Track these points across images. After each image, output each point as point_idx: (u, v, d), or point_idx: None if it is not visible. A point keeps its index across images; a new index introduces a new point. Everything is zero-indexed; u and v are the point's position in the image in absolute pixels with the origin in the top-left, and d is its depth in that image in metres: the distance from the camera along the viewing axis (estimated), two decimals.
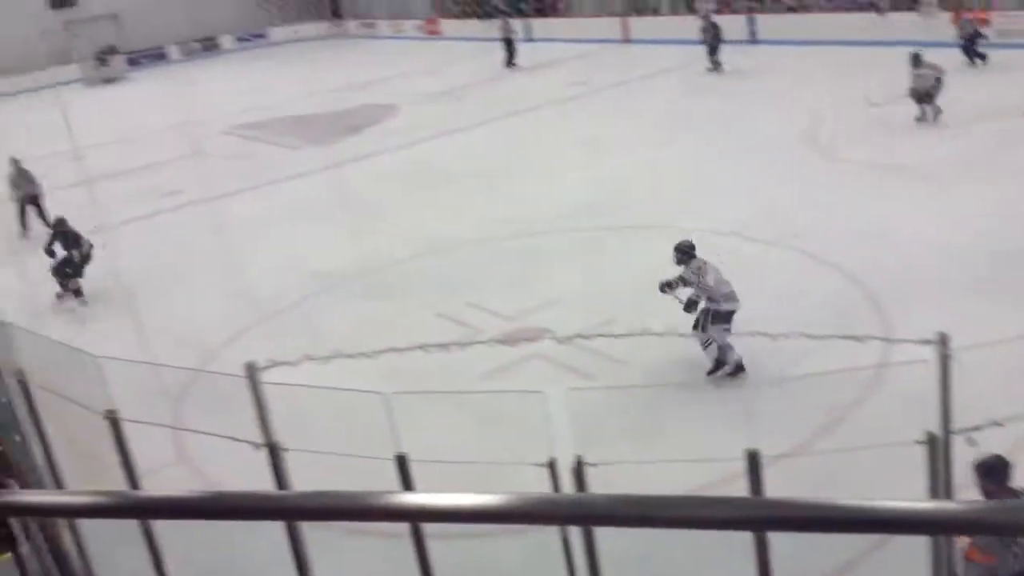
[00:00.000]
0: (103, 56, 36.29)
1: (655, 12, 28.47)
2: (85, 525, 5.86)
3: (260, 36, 41.42)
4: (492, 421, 7.50)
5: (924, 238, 10.25)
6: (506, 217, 12.92)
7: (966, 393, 4.62)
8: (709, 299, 7.97)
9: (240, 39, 41.13)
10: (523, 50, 27.27)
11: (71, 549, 5.98)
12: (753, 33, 24.48)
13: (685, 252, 8.15)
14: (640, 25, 27.86)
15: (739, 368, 7.85)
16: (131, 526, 5.91)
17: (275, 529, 5.73)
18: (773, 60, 21.93)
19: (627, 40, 27.96)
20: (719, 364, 7.92)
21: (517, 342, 8.51)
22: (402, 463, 5.52)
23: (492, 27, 32.51)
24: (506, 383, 8.08)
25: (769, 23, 24.39)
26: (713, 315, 7.90)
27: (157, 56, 39.34)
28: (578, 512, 1.48)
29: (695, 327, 7.95)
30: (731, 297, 7.97)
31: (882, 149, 12.62)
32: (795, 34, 23.08)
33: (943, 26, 20.21)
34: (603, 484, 5.31)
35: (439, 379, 8.16)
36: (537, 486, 5.26)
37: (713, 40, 21.17)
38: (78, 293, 11.42)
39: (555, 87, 22.28)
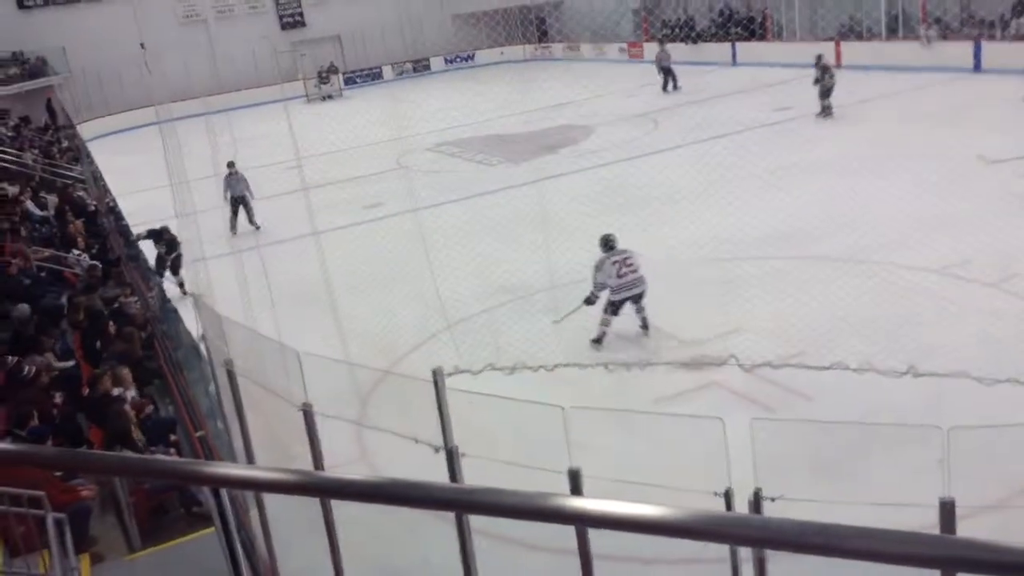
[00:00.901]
0: (323, 75, 38.84)
1: (871, 36, 27.19)
2: (270, 510, 6.25)
3: (468, 58, 43.00)
4: (668, 445, 7.36)
5: None
6: (696, 241, 12.69)
7: None
8: (598, 290, 9.79)
9: (449, 61, 42.88)
10: (729, 74, 26.79)
11: (258, 531, 6.41)
12: (978, 61, 22.90)
13: (605, 245, 10.04)
14: (853, 49, 26.70)
15: (598, 340, 9.69)
16: (313, 516, 6.24)
17: (449, 536, 5.88)
18: (1004, 88, 20.41)
19: (838, 65, 26.85)
20: (599, 339, 9.74)
21: (699, 367, 8.34)
22: (575, 478, 5.52)
23: (700, 51, 32.23)
24: (685, 407, 7.93)
25: (995, 51, 22.73)
26: (610, 305, 9.72)
27: (372, 76, 41.68)
28: (766, 535, 1.43)
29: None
30: (625, 287, 9.70)
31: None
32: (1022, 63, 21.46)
33: None
34: None
35: (618, 398, 8.13)
36: None
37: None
38: (182, 286, 13.92)
39: (758, 112, 21.71)
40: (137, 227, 15.19)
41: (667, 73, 26.76)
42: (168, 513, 7.15)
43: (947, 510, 4.15)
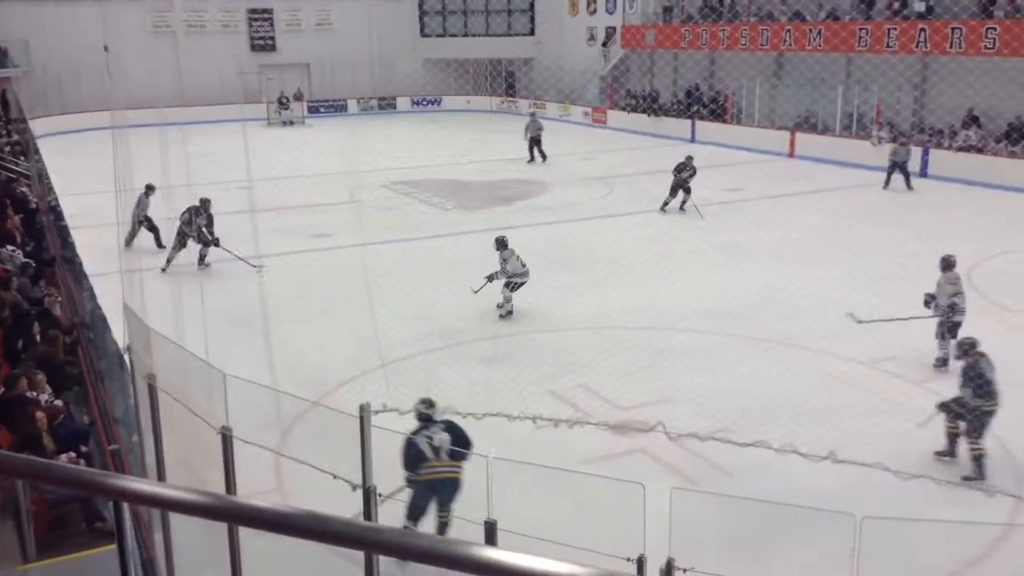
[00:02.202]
0: (284, 99, 38.77)
1: (825, 130, 28.10)
2: (176, 532, 6.06)
3: (435, 102, 43.34)
4: (587, 506, 7.35)
5: None
6: (635, 308, 12.86)
7: None
8: (509, 277, 12.70)
9: (415, 102, 43.17)
10: (687, 150, 27.37)
11: (162, 553, 6.20)
12: (925, 166, 23.79)
13: (500, 244, 12.96)
14: (807, 141, 27.55)
15: (509, 312, 12.69)
16: (219, 543, 6.06)
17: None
18: (947, 196, 21.21)
19: (792, 155, 27.68)
20: (509, 312, 12.66)
21: (626, 432, 8.37)
22: (490, 529, 5.48)
23: (661, 124, 32.97)
24: (610, 470, 7.93)
25: (942, 159, 23.65)
26: (512, 285, 12.71)
27: (337, 107, 41.72)
28: None
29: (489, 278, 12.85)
30: (524, 275, 12.84)
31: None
32: (968, 174, 22.31)
33: None
34: None
35: (544, 453, 8.10)
36: None
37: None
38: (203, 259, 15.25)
39: (710, 190, 22.18)
40: (76, 229, 14.85)
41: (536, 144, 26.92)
42: (69, 527, 6.88)
43: None
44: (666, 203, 19.60)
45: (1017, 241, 16.44)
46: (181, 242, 15.31)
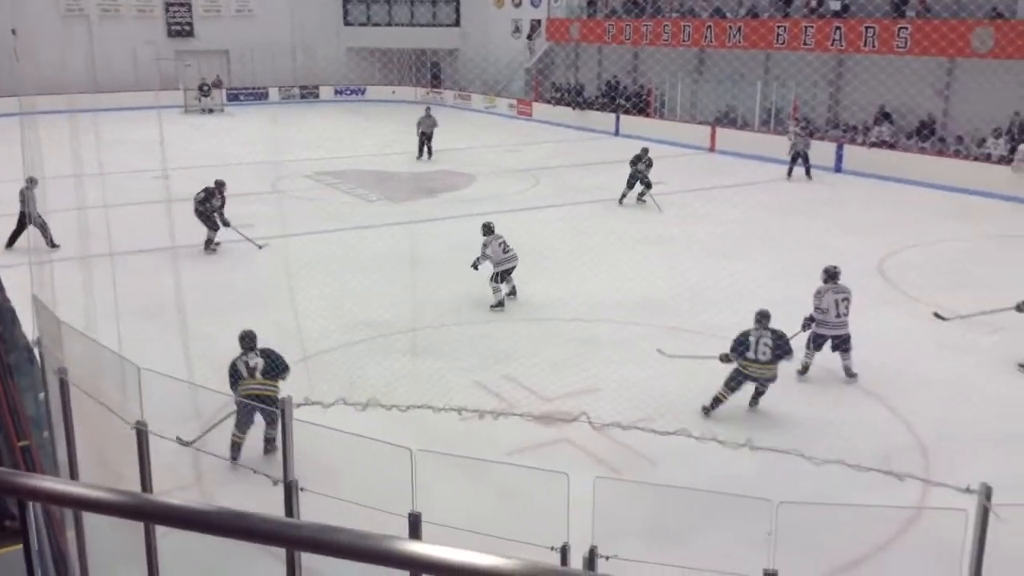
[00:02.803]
0: (205, 87, 37.85)
1: (745, 125, 28.70)
2: (90, 531, 5.87)
3: (359, 92, 42.85)
4: (512, 496, 7.37)
5: (988, 393, 9.90)
6: (560, 299, 12.94)
7: (1001, 550, 4.40)
8: (495, 264, 12.46)
9: (339, 92, 42.61)
10: (611, 143, 27.66)
11: (72, 551, 6.00)
12: (839, 161, 24.49)
13: (485, 229, 12.91)
14: (727, 136, 28.10)
15: (500, 304, 12.50)
16: (136, 541, 5.90)
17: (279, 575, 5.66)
18: (860, 191, 21.85)
19: (712, 149, 28.19)
20: (501, 303, 12.54)
21: (551, 422, 8.42)
22: (415, 522, 5.44)
23: (586, 117, 33.21)
24: (535, 461, 7.97)
25: (856, 155, 24.38)
26: (495, 276, 12.52)
27: (258, 95, 40.93)
28: None
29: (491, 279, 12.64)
30: (506, 261, 12.55)
31: (963, 299, 12.21)
32: (881, 169, 23.06)
33: None
34: None
35: (469, 445, 8.10)
36: None
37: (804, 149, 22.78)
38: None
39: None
40: None
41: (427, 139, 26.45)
42: None
43: None
44: (624, 195, 19.87)
45: (926, 234, 17.04)
46: (210, 223, 15.88)
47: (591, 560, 4.88)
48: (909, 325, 11.64)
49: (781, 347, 8.99)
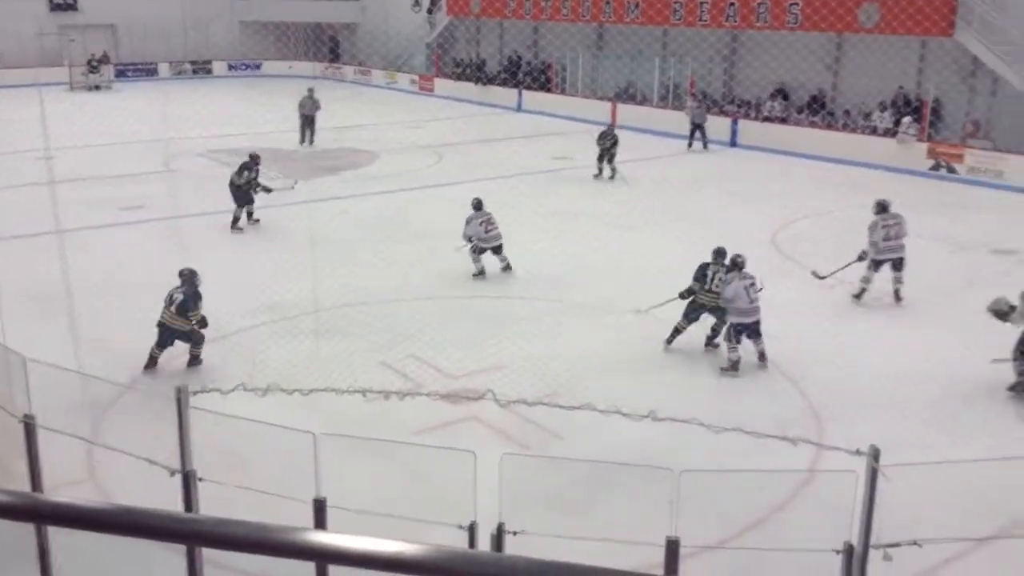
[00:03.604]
0: (93, 63, 36.25)
1: (644, 101, 29.08)
2: None
3: (254, 67, 41.69)
4: (420, 477, 7.35)
5: (877, 359, 10.32)
6: (467, 276, 12.93)
7: (891, 510, 4.61)
8: (479, 240, 12.84)
9: (233, 67, 41.37)
10: (514, 119, 27.65)
11: None
12: (734, 136, 25.08)
13: (473, 205, 13.05)
14: (627, 112, 28.42)
15: (480, 273, 12.92)
16: (28, 541, 5.66)
17: (180, 569, 5.51)
18: (754, 165, 22.43)
19: (614, 124, 28.45)
20: (481, 273, 12.90)
21: (458, 401, 8.42)
22: (320, 508, 5.37)
23: (489, 93, 33.11)
24: (444, 440, 7.97)
25: (750, 129, 25.00)
26: (476, 248, 12.89)
27: (147, 71, 39.40)
28: (498, 572, 1.41)
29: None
30: (488, 240, 12.87)
31: (854, 268, 12.66)
32: (774, 143, 23.70)
33: (918, 155, 21.02)
34: (524, 554, 5.21)
35: (376, 427, 8.03)
36: None
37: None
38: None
39: (538, 159, 22.54)
40: None
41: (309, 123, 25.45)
42: None
43: (672, 549, 4.40)
44: (599, 171, 20.17)
45: (816, 206, 17.63)
46: (246, 199, 15.42)
47: (499, 536, 4.91)
48: (801, 295, 12.03)
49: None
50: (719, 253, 10.39)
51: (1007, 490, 6.26)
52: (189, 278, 9.73)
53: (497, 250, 12.98)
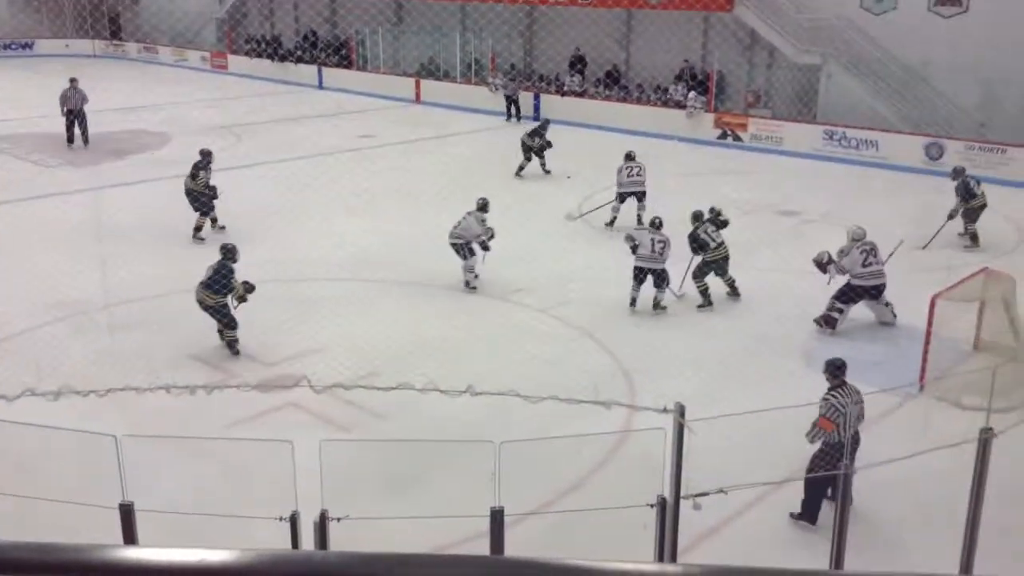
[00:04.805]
0: None
1: (447, 77, 29.09)
2: None
3: (26, 46, 38.43)
4: (238, 471, 7.10)
5: (679, 320, 10.89)
6: (274, 260, 12.52)
7: (698, 462, 4.89)
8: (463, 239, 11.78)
9: (3, 46, 37.95)
10: (314, 96, 26.95)
11: None
12: (536, 110, 25.60)
13: (486, 207, 12.23)
14: (431, 88, 28.36)
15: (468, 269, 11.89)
16: None
17: None
18: (557, 137, 22.94)
19: (418, 100, 28.36)
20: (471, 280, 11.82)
21: (271, 389, 8.17)
22: (126, 513, 5.07)
23: (287, 70, 32.03)
24: (259, 430, 7.72)
25: (551, 103, 25.57)
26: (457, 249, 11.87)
27: None
28: (307, 570, 1.35)
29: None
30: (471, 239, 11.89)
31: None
32: (574, 116, 24.35)
33: (706, 125, 22.26)
34: (349, 540, 5.14)
35: (186, 424, 7.67)
36: (279, 541, 4.99)
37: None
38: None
39: (342, 137, 22.11)
40: None
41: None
42: None
43: (496, 518, 4.47)
44: (521, 167, 18.67)
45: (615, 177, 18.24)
46: (203, 208, 13.67)
47: (322, 525, 4.81)
48: (603, 262, 12.48)
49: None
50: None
51: (799, 433, 6.79)
52: (224, 252, 9.73)
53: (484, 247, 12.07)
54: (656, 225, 11.43)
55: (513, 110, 24.99)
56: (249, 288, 9.59)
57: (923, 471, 6.18)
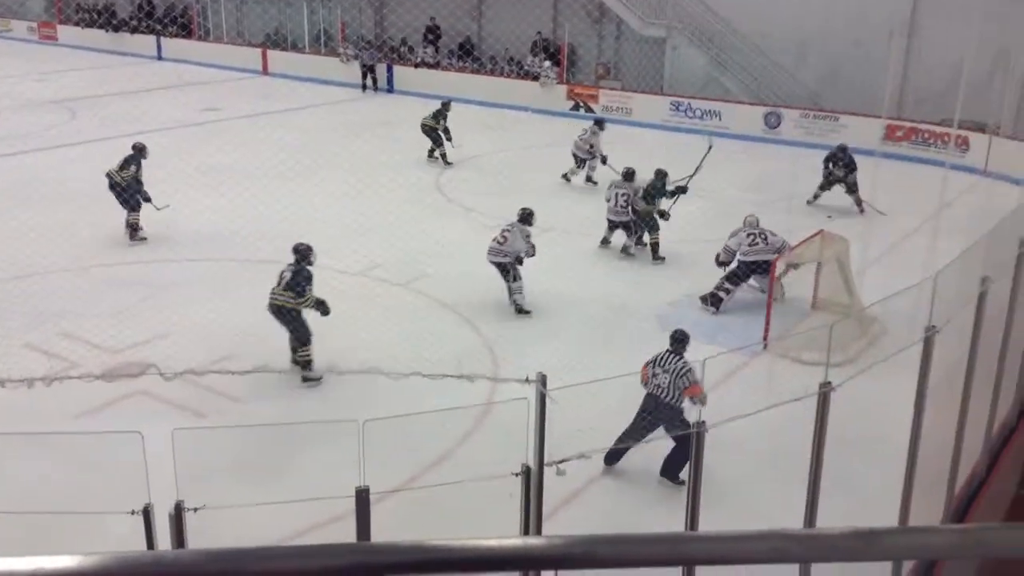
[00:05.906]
0: None
1: (295, 48, 28.25)
2: None
3: None
4: (87, 465, 6.74)
5: (545, 290, 11.02)
6: (117, 242, 11.91)
7: (560, 429, 4.98)
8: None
9: None
10: (154, 68, 25.63)
11: None
12: (390, 82, 25.26)
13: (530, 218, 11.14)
14: (279, 58, 27.48)
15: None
16: None
17: None
18: (411, 109, 22.72)
19: (265, 72, 27.43)
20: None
21: (117, 378, 7.79)
22: None
23: (122, 41, 30.30)
24: (108, 420, 7.36)
25: (405, 75, 25.29)
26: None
27: None
28: (158, 570, 1.28)
29: None
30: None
31: (512, 204, 13.31)
32: (428, 88, 24.15)
33: (558, 97, 22.55)
34: (209, 530, 4.97)
35: (22, 419, 7.22)
36: (132, 537, 4.78)
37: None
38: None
39: (185, 111, 21.15)
40: None
41: None
42: None
43: (362, 497, 4.43)
44: (432, 151, 17.70)
45: (473, 148, 18.26)
46: (132, 202, 12.28)
47: (178, 516, 4.63)
48: (464, 236, 12.51)
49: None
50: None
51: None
52: (298, 253, 8.99)
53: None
54: (626, 176, 12.31)
55: (369, 80, 24.83)
56: (324, 310, 8.83)
57: (768, 426, 6.53)
